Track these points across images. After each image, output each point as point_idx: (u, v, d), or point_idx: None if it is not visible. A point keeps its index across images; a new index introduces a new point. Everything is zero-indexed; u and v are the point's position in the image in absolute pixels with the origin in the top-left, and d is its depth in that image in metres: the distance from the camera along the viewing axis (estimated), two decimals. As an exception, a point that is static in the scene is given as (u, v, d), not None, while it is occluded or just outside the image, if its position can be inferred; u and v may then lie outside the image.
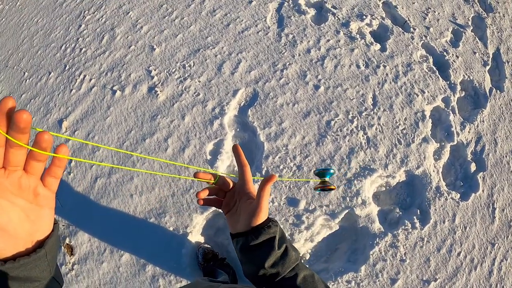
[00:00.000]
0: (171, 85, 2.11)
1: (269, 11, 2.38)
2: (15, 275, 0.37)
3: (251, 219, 0.55)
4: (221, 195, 0.61)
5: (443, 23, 2.43)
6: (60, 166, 0.38)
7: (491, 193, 1.89)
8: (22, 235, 0.37)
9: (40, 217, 0.39)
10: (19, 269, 0.37)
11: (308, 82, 2.06)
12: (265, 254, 0.54)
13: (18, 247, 0.37)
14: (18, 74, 2.54)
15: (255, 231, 0.55)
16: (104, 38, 2.43)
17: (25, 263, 0.37)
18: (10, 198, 0.36)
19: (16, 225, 0.36)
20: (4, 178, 0.35)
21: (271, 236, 0.55)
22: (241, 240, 0.56)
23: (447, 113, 2.06)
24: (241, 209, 0.58)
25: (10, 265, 0.36)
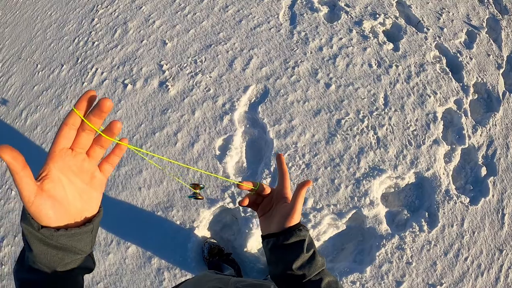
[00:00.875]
0: (182, 80, 2.12)
1: (282, 8, 2.37)
2: (63, 243, 0.41)
3: (285, 220, 0.58)
4: (259, 200, 0.65)
5: (457, 24, 2.40)
6: (118, 155, 0.44)
7: (501, 199, 1.86)
8: (73, 211, 0.42)
9: (91, 198, 0.44)
10: (68, 238, 0.41)
11: (320, 80, 2.05)
12: (294, 255, 0.56)
13: (69, 220, 0.42)
14: (31, 66, 2.58)
15: (287, 232, 0.57)
16: (116, 32, 2.45)
17: (75, 233, 0.42)
18: (71, 176, 0.41)
19: (69, 201, 0.41)
20: (70, 158, 0.40)
21: (301, 238, 0.57)
22: (272, 240, 0.58)
23: (459, 116, 2.03)
24: (276, 212, 0.61)
25: (62, 233, 0.40)
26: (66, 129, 0.39)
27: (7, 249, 1.94)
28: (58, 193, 0.40)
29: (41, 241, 0.40)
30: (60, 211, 0.40)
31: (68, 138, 0.39)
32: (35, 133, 2.24)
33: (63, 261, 0.43)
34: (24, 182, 0.36)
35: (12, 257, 1.92)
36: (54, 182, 0.39)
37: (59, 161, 0.40)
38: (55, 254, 0.42)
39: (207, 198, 1.78)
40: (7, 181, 2.13)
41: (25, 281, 0.43)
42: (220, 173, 1.82)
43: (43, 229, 0.39)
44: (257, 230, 1.68)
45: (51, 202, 0.39)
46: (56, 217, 0.40)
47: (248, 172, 1.85)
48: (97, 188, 0.44)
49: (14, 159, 0.35)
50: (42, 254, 0.41)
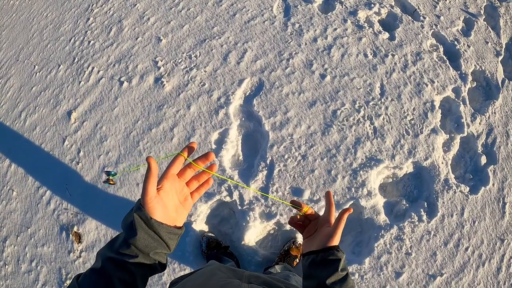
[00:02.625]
0: (177, 76, 2.12)
1: (276, 1, 2.36)
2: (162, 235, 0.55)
3: (326, 240, 0.65)
4: (307, 222, 0.75)
5: (454, 11, 2.36)
6: (205, 188, 0.63)
7: (501, 187, 1.83)
8: (170, 216, 0.57)
9: (181, 213, 0.60)
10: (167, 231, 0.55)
11: (314, 71, 2.04)
12: (329, 272, 0.62)
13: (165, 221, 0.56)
14: (28, 67, 2.59)
15: (326, 250, 0.64)
16: (111, 30, 2.45)
17: (172, 230, 0.56)
18: (174, 194, 0.58)
19: (170, 210, 0.57)
20: (177, 181, 0.59)
21: (338, 258, 0.63)
22: (312, 256, 0.66)
23: (457, 104, 2.00)
24: (318, 234, 0.69)
25: (166, 226, 0.55)
26: (178, 162, 0.58)
27: (10, 249, 1.96)
28: (166, 201, 0.56)
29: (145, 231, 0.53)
30: (165, 213, 0.56)
31: (178, 168, 0.58)
32: (34, 134, 2.26)
33: (156, 249, 0.55)
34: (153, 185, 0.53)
35: (15, 257, 1.94)
36: (165, 193, 0.56)
37: (170, 180, 0.57)
38: (152, 242, 0.54)
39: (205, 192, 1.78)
40: (8, 181, 2.16)
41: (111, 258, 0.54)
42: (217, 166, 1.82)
43: (153, 219, 0.53)
44: (254, 223, 1.68)
45: (161, 205, 0.55)
46: (161, 216, 0.55)
47: (244, 165, 1.84)
48: (187, 208, 0.61)
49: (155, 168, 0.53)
50: (142, 239, 0.53)
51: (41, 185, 2.08)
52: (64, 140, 2.15)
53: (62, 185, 2.01)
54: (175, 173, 0.58)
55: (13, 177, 2.16)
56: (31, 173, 2.15)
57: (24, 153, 2.21)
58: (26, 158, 2.19)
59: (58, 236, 1.89)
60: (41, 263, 1.86)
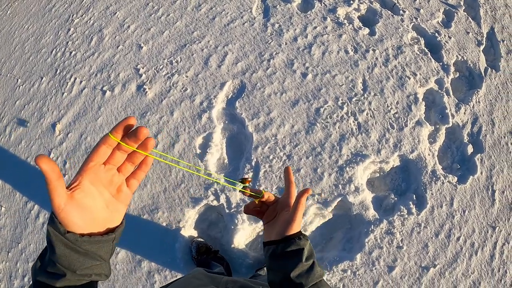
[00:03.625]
0: (159, 82, 2.11)
1: (255, 2, 2.36)
2: (85, 249, 0.45)
3: (285, 228, 0.59)
4: (264, 207, 0.67)
5: (434, 4, 2.37)
6: (144, 171, 0.49)
7: (490, 175, 1.83)
8: (99, 220, 0.46)
9: (116, 209, 0.47)
10: (91, 244, 0.45)
11: (296, 70, 2.04)
12: (293, 264, 0.57)
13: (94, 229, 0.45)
14: (11, 81, 2.57)
15: (286, 240, 0.58)
16: (92, 40, 2.44)
17: (98, 240, 0.45)
18: (100, 188, 0.45)
19: (97, 210, 0.45)
20: (102, 172, 0.45)
21: (300, 247, 0.58)
22: (272, 247, 0.60)
23: (441, 95, 2.01)
24: (278, 220, 0.63)
25: (86, 239, 0.44)
26: (103, 147, 0.44)
27: (2, 266, 1.93)
28: (87, 202, 0.44)
29: (65, 245, 0.43)
30: (87, 219, 0.44)
31: (103, 156, 0.44)
32: (19, 148, 2.24)
33: (83, 265, 0.45)
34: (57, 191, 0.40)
35: (7, 273, 1.91)
36: (84, 192, 0.43)
37: (91, 174, 0.44)
38: (77, 258, 0.44)
39: (191, 197, 1.76)
40: (-5, 197, 2.13)
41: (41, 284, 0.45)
42: (202, 172, 1.81)
43: (68, 234, 0.43)
44: (242, 226, 1.67)
45: (80, 210, 0.43)
46: (82, 225, 0.44)
47: (230, 168, 1.83)
48: (122, 201, 0.48)
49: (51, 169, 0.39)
50: (64, 257, 0.44)
51: (29, 199, 2.05)
52: (49, 153, 2.13)
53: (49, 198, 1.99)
54: (100, 161, 0.44)
55: (0, 192, 2.14)
56: (18, 188, 2.13)
57: (10, 168, 2.19)
58: (13, 173, 2.17)
59: (47, 250, 1.87)
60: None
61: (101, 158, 0.44)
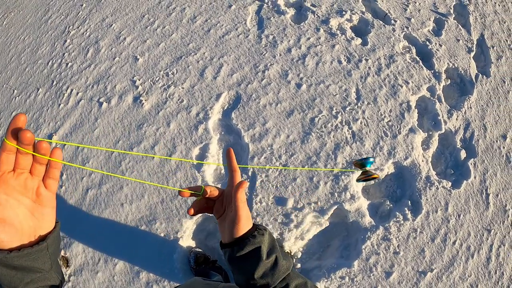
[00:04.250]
0: (155, 94, 2.13)
1: (249, 14, 2.40)
2: (18, 264, 0.42)
3: (233, 230, 0.54)
4: (211, 202, 0.61)
5: (424, 13, 2.43)
6: (56, 167, 0.45)
7: (483, 179, 1.87)
8: (26, 230, 0.43)
9: (43, 215, 0.45)
10: (22, 258, 0.42)
11: (290, 81, 2.07)
12: (253, 264, 0.53)
13: (22, 240, 0.42)
14: (7, 92, 2.58)
15: (239, 242, 0.53)
16: (89, 51, 2.46)
17: (28, 253, 0.42)
18: (17, 197, 0.42)
19: (21, 221, 0.42)
20: (13, 180, 0.42)
21: (257, 246, 0.53)
22: (228, 251, 0.55)
23: (433, 102, 2.05)
24: (227, 217, 0.57)
25: (15, 254, 0.41)
26: (4, 155, 0.40)
27: (-3, 280, 1.92)
28: (8, 215, 0.41)
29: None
30: (12, 232, 0.41)
31: (8, 163, 0.41)
32: (16, 160, 2.24)
33: (22, 281, 0.43)
34: None
35: (3, 287, 1.90)
36: (1, 205, 0.41)
37: (2, 185, 0.41)
38: (14, 274, 0.42)
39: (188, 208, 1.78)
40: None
41: None
42: (199, 182, 1.82)
43: None
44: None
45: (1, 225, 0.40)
46: (8, 239, 0.41)
47: (226, 179, 1.85)
48: (46, 204, 0.45)
49: None
50: (2, 276, 0.42)
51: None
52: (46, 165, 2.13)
53: (46, 211, 1.99)
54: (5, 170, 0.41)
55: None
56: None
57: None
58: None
59: (44, 263, 1.86)
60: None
61: (6, 165, 0.41)
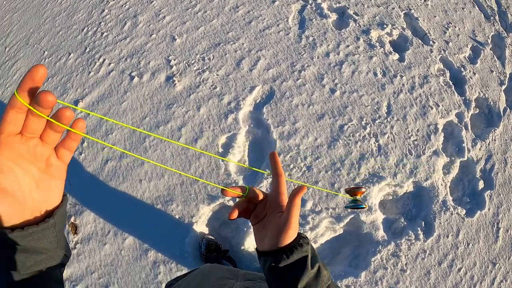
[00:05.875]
0: (189, 76, 2.14)
1: (292, 12, 2.40)
2: (22, 245, 0.36)
3: (280, 237, 0.49)
4: (252, 206, 0.55)
5: (462, 38, 2.44)
6: (75, 139, 0.39)
7: (496, 212, 1.89)
8: (30, 203, 0.36)
9: (50, 187, 0.38)
10: (27, 238, 0.36)
11: (325, 85, 2.08)
12: (298, 274, 0.48)
13: (25, 215, 0.36)
14: (38, 52, 2.58)
15: (286, 251, 0.49)
16: (126, 24, 2.46)
17: (34, 232, 0.36)
18: (24, 165, 0.35)
19: (25, 193, 0.35)
20: (20, 144, 0.35)
21: (304, 255, 0.49)
22: (270, 260, 0.50)
23: (459, 129, 2.06)
24: (270, 224, 0.52)
25: (18, 233, 0.35)
26: (12, 112, 0.33)
27: (2, 234, 1.93)
28: (10, 185, 0.34)
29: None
30: (15, 205, 0.34)
31: (15, 123, 0.33)
32: (38, 120, 2.24)
33: (24, 264, 0.37)
34: None
35: None
36: (3, 173, 0.34)
37: (6, 149, 0.34)
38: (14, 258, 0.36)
39: (208, 194, 1.79)
40: None
41: None
42: (222, 171, 1.83)
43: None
44: (255, 229, 1.69)
45: (2, 197, 0.33)
46: (9, 213, 0.34)
47: (249, 171, 1.86)
48: (56, 176, 0.38)
49: None
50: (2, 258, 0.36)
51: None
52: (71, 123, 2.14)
53: (63, 174, 1.99)
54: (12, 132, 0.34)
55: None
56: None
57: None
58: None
59: (55, 226, 1.87)
60: (35, 252, 1.84)
61: (14, 126, 0.34)
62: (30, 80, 0.32)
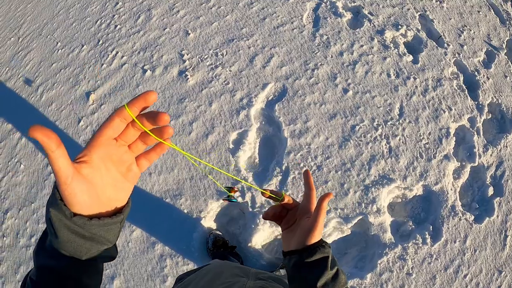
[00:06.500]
0: (201, 71, 2.14)
1: (306, 10, 2.39)
2: (94, 233, 0.41)
3: (306, 237, 0.56)
4: (284, 212, 0.63)
5: (477, 42, 2.41)
6: (158, 154, 0.45)
7: (505, 220, 1.87)
8: (104, 198, 0.41)
9: (123, 189, 0.44)
10: (99, 227, 0.41)
11: (338, 84, 2.07)
12: (318, 273, 0.54)
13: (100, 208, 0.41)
14: (51, 43, 2.59)
15: (311, 249, 0.55)
16: (140, 17, 2.46)
17: (107, 223, 0.41)
18: (109, 166, 0.41)
19: (103, 187, 0.41)
20: (113, 148, 0.41)
21: (325, 255, 0.55)
22: (295, 257, 0.56)
23: (471, 134, 2.04)
24: (298, 227, 0.59)
25: (95, 222, 0.40)
26: (117, 120, 0.39)
27: (11, 222, 1.95)
28: (95, 179, 0.39)
29: (70, 230, 0.39)
30: (92, 195, 0.39)
31: (115, 129, 0.39)
32: (49, 110, 2.26)
33: (89, 251, 0.42)
34: (60, 162, 0.35)
35: (15, 230, 1.94)
36: (93, 168, 0.39)
37: (101, 149, 0.40)
38: (83, 243, 0.41)
39: (217, 190, 1.80)
40: (17, 154, 2.15)
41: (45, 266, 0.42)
42: (232, 166, 1.84)
43: (75, 217, 0.38)
44: (263, 227, 1.70)
45: (87, 186, 0.38)
46: (88, 204, 0.39)
47: (259, 168, 1.86)
48: (130, 180, 0.44)
49: (47, 137, 0.33)
50: (68, 243, 0.40)
51: (51, 162, 2.07)
52: (79, 120, 2.15)
53: (73, 165, 2.01)
54: (112, 135, 0.40)
55: (22, 150, 2.16)
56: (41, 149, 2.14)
57: (37, 128, 2.21)
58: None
59: (64, 215, 1.89)
60: (43, 240, 1.86)
61: (114, 132, 0.40)
62: (143, 100, 0.39)
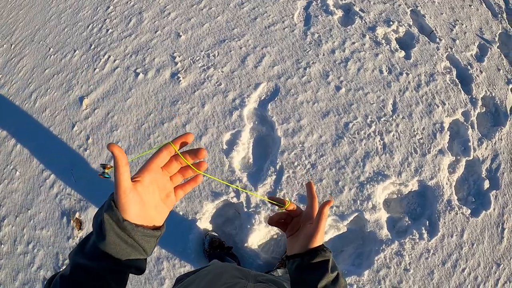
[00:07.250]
0: (194, 73, 2.14)
1: (297, 9, 2.39)
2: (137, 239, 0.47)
3: (308, 241, 0.60)
4: (288, 219, 0.68)
5: (469, 36, 2.41)
6: (192, 186, 0.55)
7: (502, 213, 1.87)
8: (148, 215, 0.49)
9: (162, 212, 0.52)
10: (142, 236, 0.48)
11: (330, 82, 2.07)
12: (319, 275, 0.57)
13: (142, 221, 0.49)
14: (43, 49, 2.59)
15: (312, 252, 0.59)
16: (131, 21, 2.46)
17: (149, 233, 0.49)
18: (155, 188, 0.51)
19: (149, 205, 0.49)
20: (159, 175, 0.51)
21: (326, 258, 0.58)
22: (297, 260, 0.60)
23: (465, 127, 2.04)
24: (301, 232, 0.63)
25: (141, 229, 0.47)
26: (165, 152, 0.50)
27: (8, 229, 1.95)
28: (144, 197, 0.48)
29: (116, 234, 0.46)
30: (142, 212, 0.47)
31: (163, 160, 0.50)
32: (43, 116, 2.26)
33: (129, 256, 0.48)
34: (125, 176, 0.45)
35: (12, 237, 1.94)
36: (144, 187, 0.48)
37: (152, 173, 0.49)
38: (125, 248, 0.47)
39: (211, 191, 1.79)
40: (12, 161, 2.15)
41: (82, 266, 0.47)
42: (226, 168, 1.83)
43: (126, 221, 0.46)
44: (258, 227, 1.70)
45: (138, 201, 0.47)
46: (137, 215, 0.47)
47: (253, 168, 1.86)
48: (168, 206, 0.53)
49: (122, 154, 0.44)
50: (113, 245, 0.46)
51: (46, 168, 2.07)
52: (73, 125, 2.15)
53: (68, 170, 2.01)
54: (160, 164, 0.50)
55: (17, 156, 2.16)
56: (36, 155, 2.14)
57: (31, 134, 2.21)
58: (32, 139, 2.19)
59: (59, 221, 1.89)
60: (39, 246, 1.85)
61: (161, 162, 0.50)
62: (184, 138, 0.51)
